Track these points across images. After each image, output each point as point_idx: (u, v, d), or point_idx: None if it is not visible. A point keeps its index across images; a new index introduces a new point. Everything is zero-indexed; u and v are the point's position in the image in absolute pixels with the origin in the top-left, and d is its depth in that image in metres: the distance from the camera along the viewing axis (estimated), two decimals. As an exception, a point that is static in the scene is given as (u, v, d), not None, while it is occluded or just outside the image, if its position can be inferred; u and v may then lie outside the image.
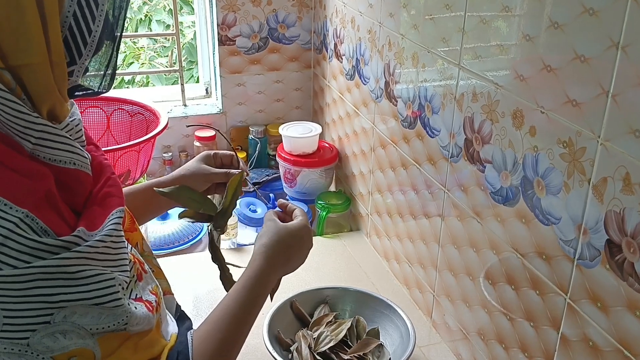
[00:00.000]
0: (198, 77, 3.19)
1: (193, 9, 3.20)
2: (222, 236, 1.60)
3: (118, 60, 0.73)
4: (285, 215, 1.02)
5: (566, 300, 0.88)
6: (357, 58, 1.59)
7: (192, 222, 1.10)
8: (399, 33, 1.32)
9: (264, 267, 0.90)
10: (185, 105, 2.00)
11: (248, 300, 0.86)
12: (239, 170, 1.09)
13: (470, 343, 1.17)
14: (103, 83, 0.73)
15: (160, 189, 1.00)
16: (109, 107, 1.72)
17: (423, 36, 1.22)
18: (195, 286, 1.45)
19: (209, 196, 1.09)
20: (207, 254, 1.63)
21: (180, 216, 1.03)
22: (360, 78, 1.58)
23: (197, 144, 1.94)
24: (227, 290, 1.02)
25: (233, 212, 1.12)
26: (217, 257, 1.08)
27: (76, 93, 0.72)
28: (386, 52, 1.40)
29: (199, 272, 1.50)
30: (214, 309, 0.86)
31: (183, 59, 3.24)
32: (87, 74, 0.70)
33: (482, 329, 1.12)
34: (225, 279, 1.07)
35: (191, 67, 3.26)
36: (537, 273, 0.94)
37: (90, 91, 0.73)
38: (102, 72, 0.72)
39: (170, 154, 1.94)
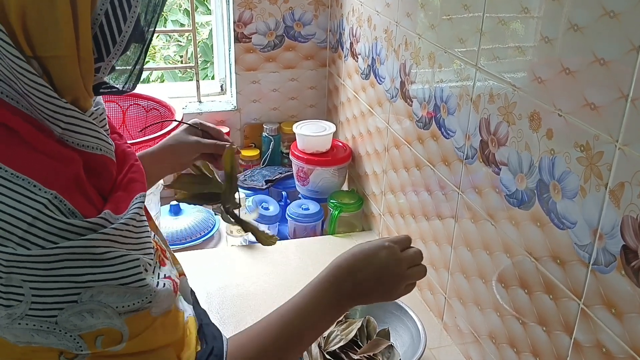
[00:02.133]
0: (212, 76, 3.21)
1: (208, 9, 3.22)
2: (235, 233, 1.60)
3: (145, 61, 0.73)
4: None
5: (580, 305, 0.87)
6: (372, 57, 1.59)
7: (201, 205, 1.10)
8: (416, 33, 1.32)
9: (329, 286, 0.82)
10: (200, 102, 2.01)
11: (298, 316, 0.81)
12: (228, 143, 1.08)
13: (481, 346, 1.17)
14: (128, 82, 0.73)
15: (167, 184, 1.01)
16: (125, 102, 1.73)
17: (440, 36, 1.22)
18: (207, 281, 1.46)
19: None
20: (219, 249, 1.64)
21: (179, 199, 1.06)
22: (376, 77, 1.57)
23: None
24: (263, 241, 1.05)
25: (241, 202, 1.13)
26: (248, 227, 1.08)
27: (101, 90, 0.72)
28: (402, 51, 1.39)
29: (211, 268, 1.51)
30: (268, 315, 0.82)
31: (200, 57, 3.26)
32: (114, 72, 0.71)
33: (494, 332, 1.11)
34: (262, 235, 1.09)
35: (205, 66, 3.27)
36: (551, 277, 0.93)
37: (115, 89, 0.73)
38: (128, 72, 0.72)
39: (184, 149, 1.94)
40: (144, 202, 0.72)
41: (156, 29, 0.76)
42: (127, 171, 0.75)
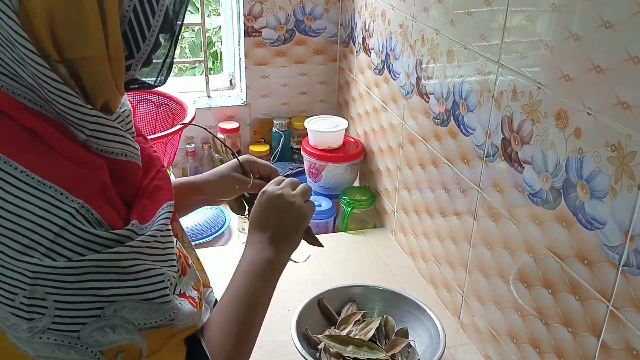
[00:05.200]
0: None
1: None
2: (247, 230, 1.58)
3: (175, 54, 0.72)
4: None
5: (609, 307, 0.86)
6: (387, 52, 1.57)
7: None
8: (433, 28, 1.29)
9: (247, 252, 0.87)
10: (209, 97, 1.99)
11: (247, 285, 0.83)
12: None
13: (500, 345, 1.15)
14: (159, 77, 0.72)
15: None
16: (135, 97, 1.71)
17: (460, 32, 1.20)
18: (218, 280, 1.44)
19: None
20: (229, 247, 1.63)
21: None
22: (390, 73, 1.55)
23: (220, 135, 1.93)
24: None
25: None
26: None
27: (132, 86, 0.71)
28: (419, 47, 1.37)
29: (221, 266, 1.48)
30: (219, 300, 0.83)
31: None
32: (144, 68, 0.69)
33: (514, 332, 1.10)
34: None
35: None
36: (578, 278, 0.91)
37: (146, 85, 0.72)
38: (159, 66, 0.71)
39: (193, 145, 1.93)
40: (171, 211, 0.70)
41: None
42: (153, 177, 0.73)
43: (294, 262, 1.00)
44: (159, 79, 0.72)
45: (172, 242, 0.69)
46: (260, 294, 0.83)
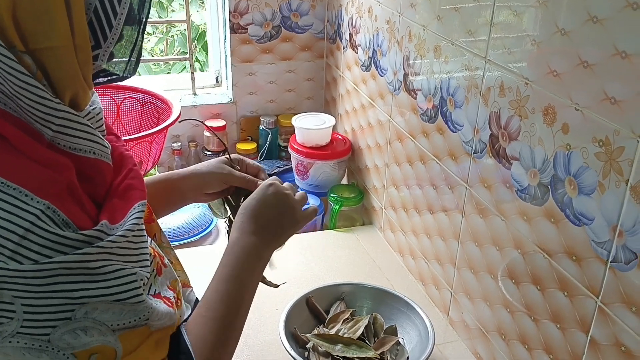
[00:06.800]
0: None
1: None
2: None
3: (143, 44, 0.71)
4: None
5: (597, 303, 0.85)
6: (374, 49, 1.56)
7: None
8: (420, 24, 1.29)
9: (238, 238, 0.86)
10: (195, 94, 1.97)
11: (234, 276, 0.82)
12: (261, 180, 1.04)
13: (489, 342, 1.15)
14: (128, 68, 0.70)
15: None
16: (119, 95, 1.69)
17: (447, 28, 1.19)
18: (205, 279, 1.43)
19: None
20: (216, 246, 1.61)
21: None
22: (377, 69, 1.54)
23: (206, 133, 1.91)
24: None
25: None
26: None
27: (100, 79, 0.69)
28: (406, 43, 1.36)
29: (208, 265, 1.47)
30: (203, 294, 0.82)
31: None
32: (112, 59, 0.68)
33: (503, 329, 1.10)
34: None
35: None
36: (566, 274, 0.91)
37: (115, 76, 0.70)
38: (127, 57, 0.69)
39: (179, 143, 1.91)
40: (143, 210, 0.68)
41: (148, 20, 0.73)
42: (125, 176, 0.71)
43: (274, 285, 1.02)
44: (127, 69, 0.70)
45: (145, 241, 0.68)
46: (245, 286, 0.83)
